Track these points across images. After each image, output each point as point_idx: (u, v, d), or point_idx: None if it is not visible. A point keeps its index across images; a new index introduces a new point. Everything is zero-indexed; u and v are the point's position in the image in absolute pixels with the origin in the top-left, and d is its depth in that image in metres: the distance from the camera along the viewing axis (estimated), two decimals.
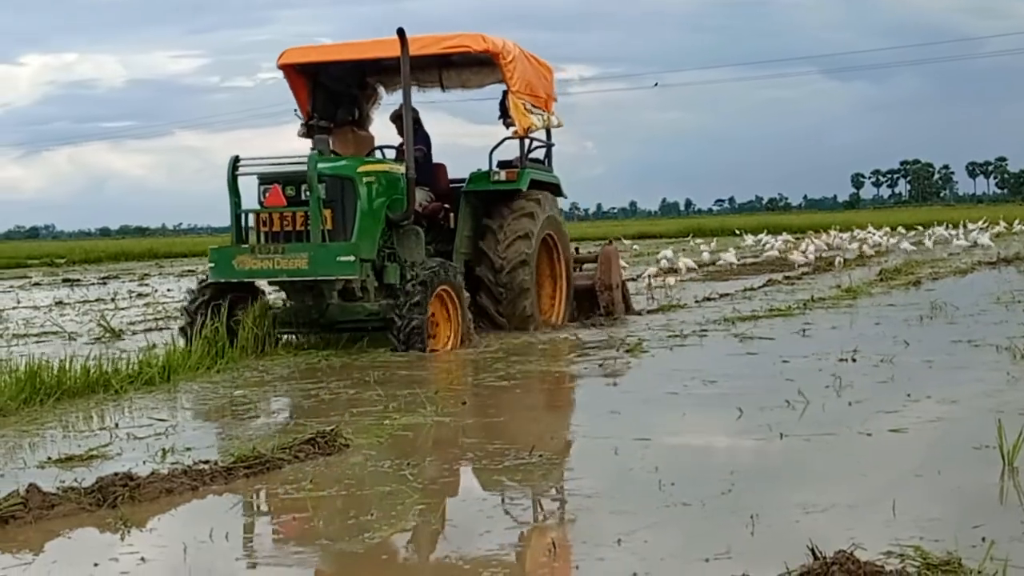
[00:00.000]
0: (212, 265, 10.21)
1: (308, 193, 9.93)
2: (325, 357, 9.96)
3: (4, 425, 7.12)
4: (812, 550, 3.75)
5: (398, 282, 10.21)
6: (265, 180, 10.21)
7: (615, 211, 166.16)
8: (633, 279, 18.11)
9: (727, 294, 16.09)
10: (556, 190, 12.97)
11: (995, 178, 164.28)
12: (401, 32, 10.47)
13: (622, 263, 14.73)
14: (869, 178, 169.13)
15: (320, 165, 10.09)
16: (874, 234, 30.26)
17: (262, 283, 10.95)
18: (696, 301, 15.06)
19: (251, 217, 10.37)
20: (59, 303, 19.24)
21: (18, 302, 20.39)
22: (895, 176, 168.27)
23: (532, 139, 12.39)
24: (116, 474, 5.21)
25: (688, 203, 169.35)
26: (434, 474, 5.56)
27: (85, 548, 4.48)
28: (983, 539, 4.00)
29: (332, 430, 6.27)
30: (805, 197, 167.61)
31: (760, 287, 17.28)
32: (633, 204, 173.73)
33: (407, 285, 9.88)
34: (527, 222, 11.67)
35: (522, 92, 11.84)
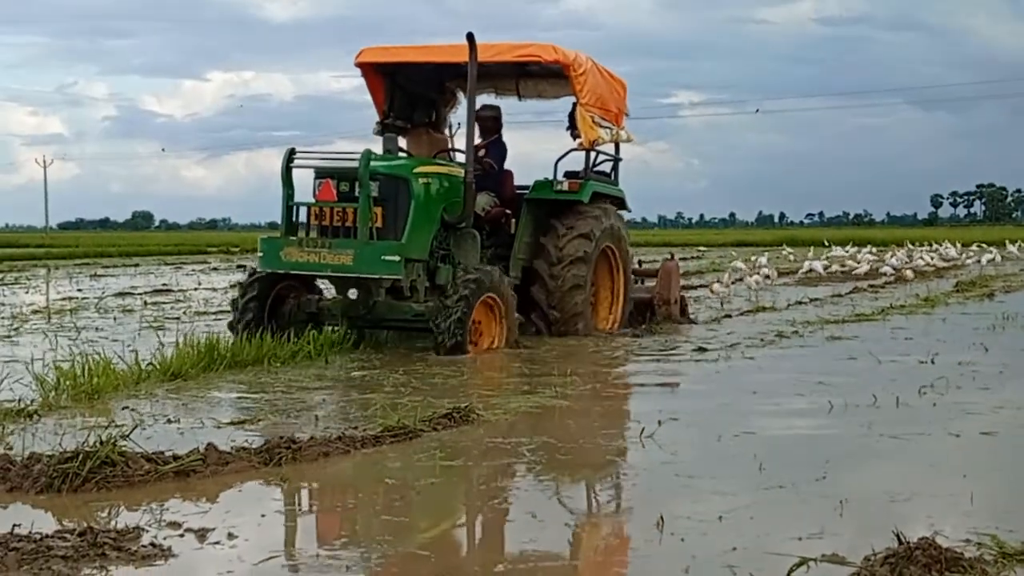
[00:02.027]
0: (261, 255, 9.29)
1: (360, 190, 8.95)
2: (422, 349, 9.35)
3: (185, 389, 7.26)
4: (897, 535, 3.63)
5: (449, 285, 9.14)
6: (321, 174, 9.20)
7: (716, 221, 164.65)
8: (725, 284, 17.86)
9: (816, 299, 15.79)
10: (620, 203, 11.72)
11: None
12: (470, 37, 9.48)
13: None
14: (947, 199, 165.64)
15: (375, 163, 9.06)
16: (950, 248, 29.48)
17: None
18: (787, 304, 14.79)
19: (304, 211, 9.36)
20: (233, 285, 19.64)
21: (199, 284, 20.88)
22: (971, 197, 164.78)
23: (599, 152, 11.31)
24: (281, 437, 5.26)
25: (782, 215, 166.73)
26: (551, 448, 5.53)
27: (254, 500, 4.53)
28: None
29: (466, 406, 6.27)
30: (888, 214, 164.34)
31: (847, 293, 16.92)
32: (732, 215, 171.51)
33: (449, 299, 8.83)
34: (590, 225, 10.57)
35: (591, 105, 10.68)
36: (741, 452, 5.36)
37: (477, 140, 10.48)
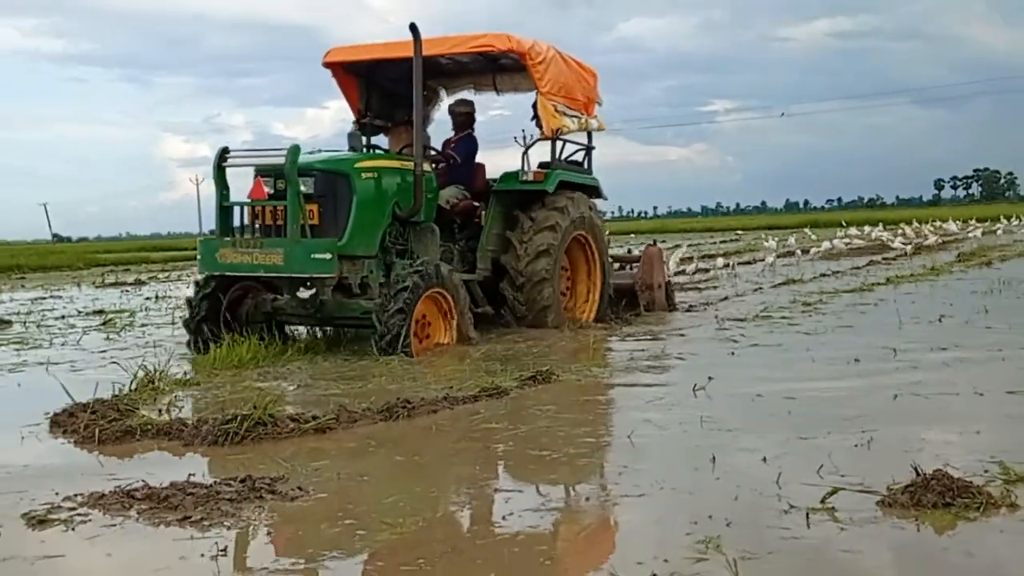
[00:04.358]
0: (199, 257, 7.70)
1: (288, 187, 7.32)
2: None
3: (312, 361, 7.24)
4: (915, 468, 3.57)
5: (392, 280, 7.56)
6: (262, 172, 7.50)
7: (749, 208, 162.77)
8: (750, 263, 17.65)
9: (838, 271, 15.50)
10: (593, 191, 9.87)
11: None
12: (413, 28, 7.78)
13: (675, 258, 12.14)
14: (948, 182, 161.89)
15: (311, 159, 7.51)
16: (952, 224, 28.81)
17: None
18: (813, 277, 14.54)
19: (245, 210, 7.60)
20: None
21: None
22: (969, 180, 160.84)
23: (568, 141, 9.52)
24: (397, 399, 5.31)
25: (806, 202, 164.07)
26: (608, 404, 5.53)
27: (379, 447, 4.59)
28: None
29: (547, 369, 6.30)
30: (897, 197, 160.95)
31: (864, 266, 16.58)
32: (763, 203, 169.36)
33: (390, 291, 7.33)
34: (555, 217, 8.93)
35: (553, 93, 8.96)
36: (776, 406, 5.29)
37: (450, 135, 9.42)
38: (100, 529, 3.38)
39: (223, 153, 7.55)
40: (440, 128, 9.84)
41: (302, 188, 7.27)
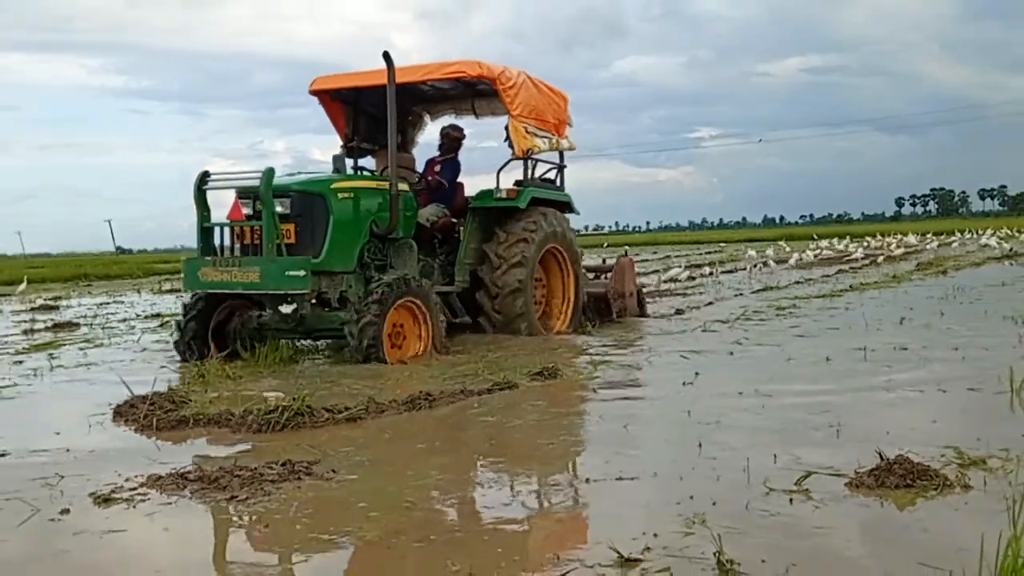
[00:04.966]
0: (183, 276, 7.27)
1: (263, 208, 6.93)
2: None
3: (340, 360, 7.27)
4: (879, 454, 3.56)
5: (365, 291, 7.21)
6: (241, 194, 7.15)
7: (731, 223, 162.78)
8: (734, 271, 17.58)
9: (810, 279, 15.44)
10: (566, 207, 9.47)
11: (998, 199, 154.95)
12: (386, 56, 7.41)
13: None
14: (908, 200, 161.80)
15: (288, 181, 7.22)
16: (911, 237, 28.75)
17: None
18: (788, 284, 14.49)
19: (227, 231, 7.22)
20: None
21: None
22: (927, 199, 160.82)
23: (540, 160, 9.11)
24: (420, 392, 5.33)
25: (781, 217, 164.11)
26: (605, 399, 5.52)
27: (402, 435, 4.60)
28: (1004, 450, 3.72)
29: (552, 365, 6.29)
30: (863, 213, 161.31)
31: (833, 274, 16.52)
32: (744, 218, 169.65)
33: (361, 304, 6.95)
34: (528, 230, 8.57)
35: (524, 116, 8.64)
36: (754, 401, 5.27)
37: (435, 154, 9.06)
38: (158, 507, 3.40)
39: (203, 177, 7.17)
40: (423, 151, 9.65)
41: (279, 208, 6.96)
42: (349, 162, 8.85)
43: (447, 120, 9.55)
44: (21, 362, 7.82)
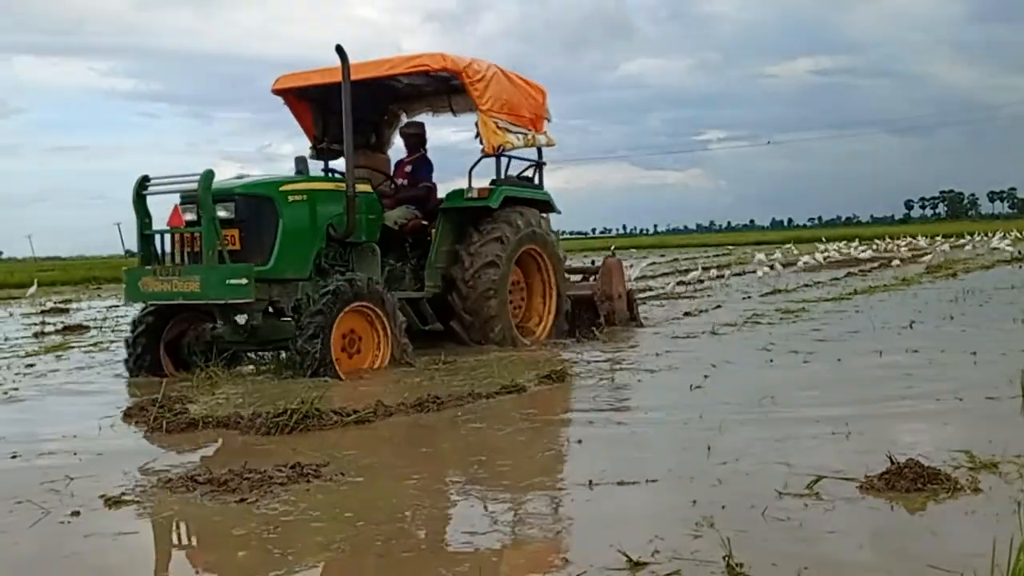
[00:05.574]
0: (125, 287, 6.82)
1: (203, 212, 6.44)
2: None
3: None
4: (889, 457, 3.54)
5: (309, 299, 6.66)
6: (183, 199, 6.65)
7: (739, 225, 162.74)
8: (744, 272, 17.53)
9: (820, 282, 15.39)
10: (545, 206, 8.88)
11: (1008, 202, 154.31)
12: (339, 49, 6.90)
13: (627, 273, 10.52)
14: (917, 203, 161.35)
15: (232, 184, 6.73)
16: (919, 240, 28.67)
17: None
18: (796, 287, 14.44)
19: (168, 237, 6.73)
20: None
21: None
22: (936, 201, 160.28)
23: (515, 157, 8.57)
24: (428, 394, 5.33)
25: (790, 220, 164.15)
26: (616, 399, 5.51)
27: (409, 435, 4.61)
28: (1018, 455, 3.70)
29: (561, 369, 6.29)
30: (871, 215, 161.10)
31: (843, 277, 16.46)
32: (752, 221, 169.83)
33: (304, 316, 6.43)
34: (502, 230, 8.07)
35: (495, 111, 8.10)
36: (765, 394, 5.26)
37: (403, 156, 8.64)
38: (168, 509, 3.40)
39: (143, 181, 6.71)
40: (399, 152, 9.05)
41: (223, 213, 6.49)
42: (320, 164, 8.53)
43: (423, 118, 9.15)
44: (32, 364, 7.87)
